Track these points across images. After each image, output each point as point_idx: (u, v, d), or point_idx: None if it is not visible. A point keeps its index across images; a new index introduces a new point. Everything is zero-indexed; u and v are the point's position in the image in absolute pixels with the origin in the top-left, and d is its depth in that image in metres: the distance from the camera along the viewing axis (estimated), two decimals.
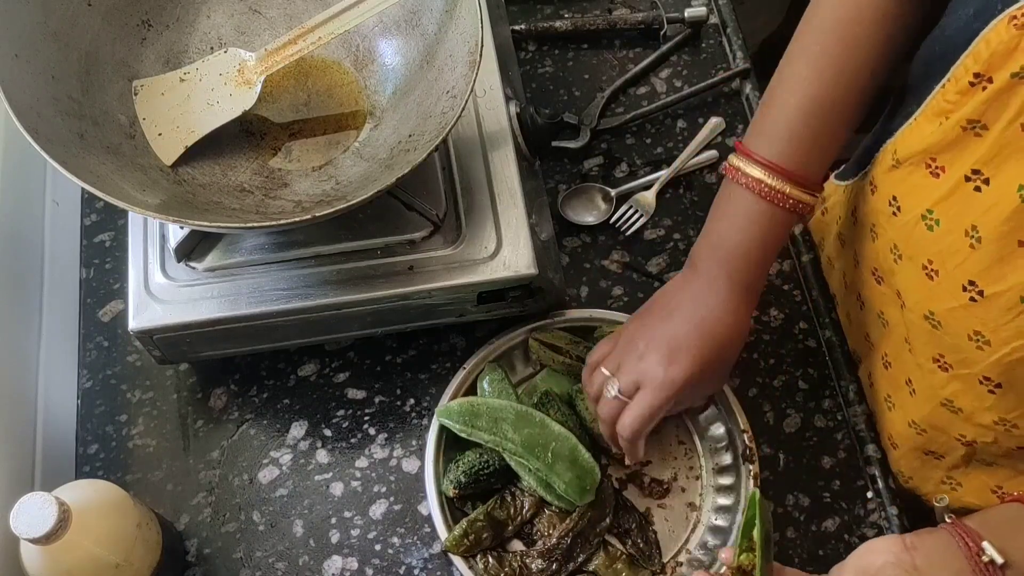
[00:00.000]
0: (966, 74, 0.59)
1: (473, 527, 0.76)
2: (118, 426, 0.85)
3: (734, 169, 0.73)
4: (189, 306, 0.76)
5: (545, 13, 1.07)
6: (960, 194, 0.63)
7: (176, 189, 0.74)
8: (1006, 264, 0.61)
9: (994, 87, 0.57)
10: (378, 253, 0.79)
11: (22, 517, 0.59)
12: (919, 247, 0.69)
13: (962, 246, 0.64)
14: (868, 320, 0.83)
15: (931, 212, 0.67)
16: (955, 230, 0.64)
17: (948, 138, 0.63)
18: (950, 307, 0.67)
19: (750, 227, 0.72)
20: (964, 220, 0.63)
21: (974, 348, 0.66)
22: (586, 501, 0.77)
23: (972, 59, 0.59)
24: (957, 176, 0.63)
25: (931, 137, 0.65)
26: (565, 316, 0.86)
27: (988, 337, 0.65)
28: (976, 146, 0.61)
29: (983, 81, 0.58)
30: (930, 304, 0.70)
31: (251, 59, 0.77)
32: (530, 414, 0.80)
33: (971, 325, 0.66)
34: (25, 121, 0.65)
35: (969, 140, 0.61)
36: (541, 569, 0.77)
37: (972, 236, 0.63)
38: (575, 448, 0.78)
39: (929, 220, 0.67)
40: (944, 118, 0.63)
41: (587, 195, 0.96)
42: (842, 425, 0.87)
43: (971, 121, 0.60)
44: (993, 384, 0.67)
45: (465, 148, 0.83)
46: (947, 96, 0.62)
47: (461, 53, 0.75)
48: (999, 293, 0.62)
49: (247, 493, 0.83)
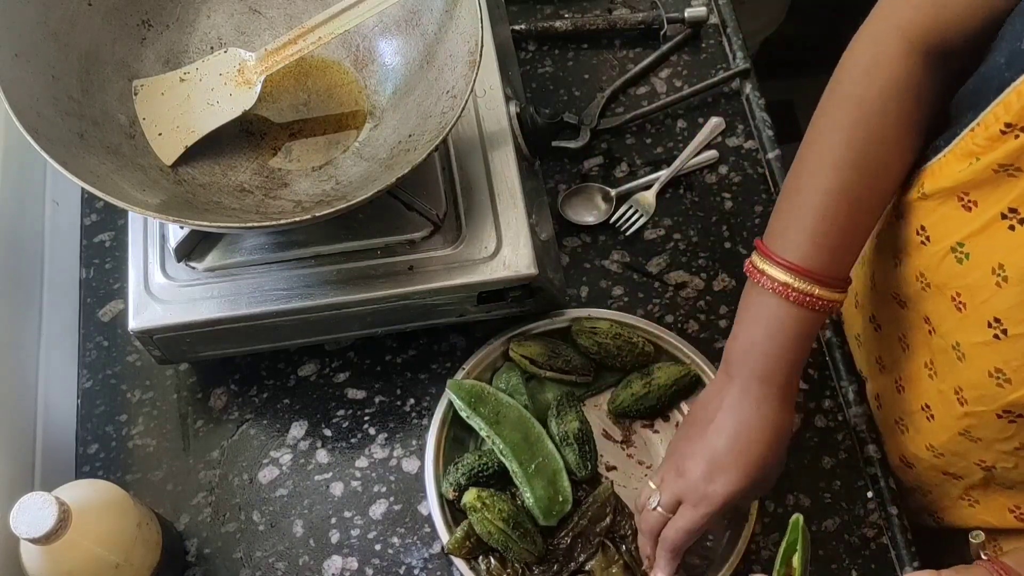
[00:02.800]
0: (996, 122, 0.58)
1: (474, 529, 0.76)
2: (118, 426, 0.85)
3: (758, 272, 0.70)
4: (189, 306, 0.76)
5: (545, 13, 1.07)
6: (993, 230, 0.62)
7: (176, 189, 0.74)
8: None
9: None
10: (378, 253, 0.79)
11: (22, 517, 0.59)
12: (949, 278, 0.68)
13: (989, 282, 0.63)
14: (885, 343, 0.83)
15: (961, 245, 0.66)
16: (983, 265, 0.64)
17: (980, 178, 0.62)
18: (975, 342, 0.67)
19: (781, 331, 0.69)
20: (993, 257, 0.63)
21: (994, 385, 0.66)
22: (548, 523, 0.77)
23: (1003, 108, 0.58)
24: (992, 212, 0.62)
25: (962, 175, 0.63)
26: (565, 316, 0.86)
27: (1009, 376, 0.65)
28: (1010, 186, 0.60)
29: (1015, 130, 0.58)
30: (957, 335, 0.69)
31: (251, 59, 0.77)
32: (531, 423, 0.80)
33: (993, 362, 0.66)
34: (25, 121, 0.65)
35: (1003, 180, 0.61)
36: (543, 571, 0.77)
37: (999, 274, 0.62)
38: (559, 472, 0.79)
39: (959, 253, 0.66)
40: (975, 159, 0.62)
41: (587, 195, 0.96)
42: (842, 425, 0.87)
43: (1003, 165, 0.60)
44: (1015, 415, 0.67)
45: (465, 148, 0.83)
46: (976, 140, 0.61)
47: (461, 53, 0.75)
48: (1021, 335, 0.62)
49: (247, 493, 0.83)
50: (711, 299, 0.92)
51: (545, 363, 0.83)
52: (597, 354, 0.84)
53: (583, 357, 0.84)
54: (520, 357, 0.83)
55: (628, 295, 0.92)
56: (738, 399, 0.71)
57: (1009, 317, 0.63)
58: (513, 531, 0.75)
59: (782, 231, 0.70)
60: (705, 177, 0.98)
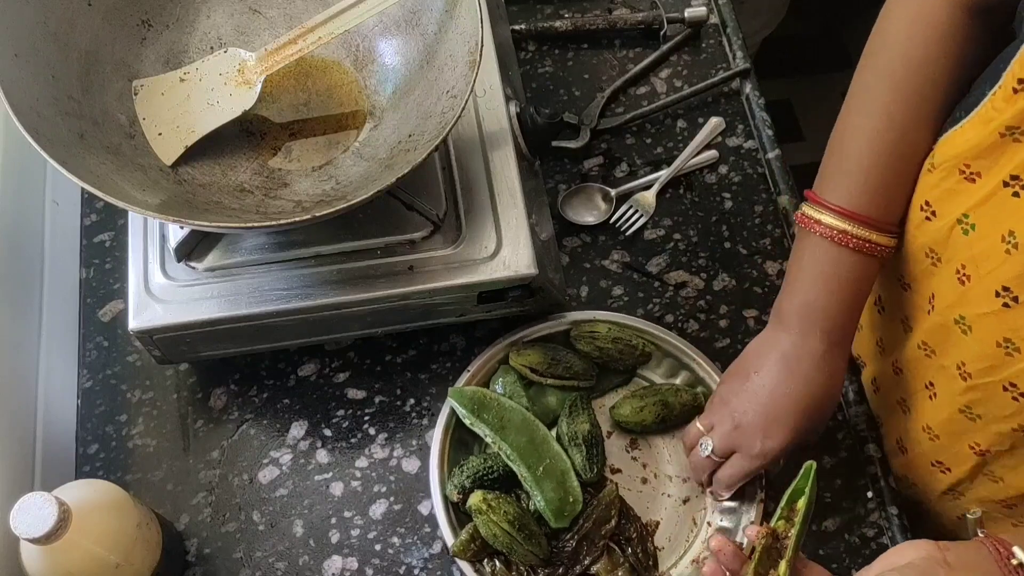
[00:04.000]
0: (1012, 80, 0.58)
1: (479, 531, 0.76)
2: (118, 426, 0.85)
3: (809, 219, 0.71)
4: (189, 306, 0.76)
5: (545, 13, 1.07)
6: (998, 199, 0.62)
7: (176, 189, 0.74)
8: None
9: None
10: (378, 253, 0.79)
11: (22, 517, 0.59)
12: (954, 251, 0.68)
13: (997, 251, 0.63)
14: (888, 325, 0.83)
15: (967, 216, 0.66)
16: (991, 235, 0.64)
17: (984, 144, 0.62)
18: (982, 312, 0.67)
19: (837, 279, 0.70)
20: (1002, 225, 0.63)
21: (1003, 355, 0.66)
22: (560, 525, 0.77)
23: (1019, 65, 0.58)
24: (995, 181, 0.62)
25: (969, 142, 0.64)
26: (567, 318, 0.86)
27: (1018, 344, 0.65)
28: (1015, 152, 0.60)
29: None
30: (961, 308, 0.69)
31: (251, 59, 0.77)
32: (535, 425, 0.80)
33: (1001, 332, 0.66)
34: (25, 121, 0.65)
35: (1007, 146, 0.61)
36: (548, 573, 0.77)
37: (1009, 242, 0.62)
38: (567, 473, 0.79)
39: (965, 224, 0.66)
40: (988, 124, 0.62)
41: (587, 195, 0.96)
42: (842, 425, 0.87)
43: (1010, 128, 0.60)
44: (1018, 392, 0.67)
45: (465, 148, 0.83)
46: (995, 104, 0.61)
47: (461, 53, 0.75)
48: None
49: (247, 493, 0.83)
50: (711, 299, 0.92)
51: (546, 371, 0.83)
52: (599, 358, 0.84)
53: (584, 362, 0.84)
54: (521, 366, 0.83)
55: (628, 295, 0.92)
56: (795, 352, 0.71)
57: (1019, 283, 0.63)
58: (518, 533, 0.75)
59: (832, 178, 0.71)
60: (705, 177, 0.98)
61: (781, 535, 0.65)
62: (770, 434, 0.71)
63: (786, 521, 0.66)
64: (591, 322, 0.85)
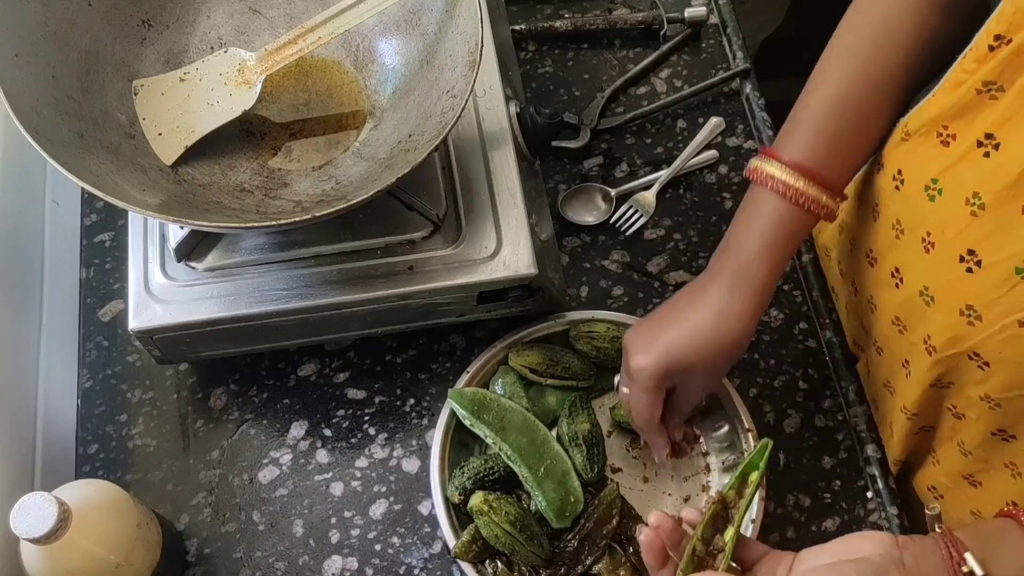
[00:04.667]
0: (988, 38, 0.59)
1: (481, 532, 0.76)
2: (118, 426, 0.85)
3: (755, 171, 0.72)
4: (189, 306, 0.76)
5: (545, 13, 1.07)
6: (968, 160, 0.62)
7: (176, 189, 0.74)
8: (1006, 233, 0.61)
9: (1012, 46, 0.57)
10: (378, 253, 0.79)
11: (22, 517, 0.59)
12: (919, 219, 0.69)
13: (963, 214, 0.63)
14: (861, 307, 0.83)
15: (935, 182, 0.66)
16: (957, 198, 0.64)
17: (962, 102, 0.62)
18: (946, 280, 0.67)
19: (766, 228, 0.71)
20: (967, 187, 0.63)
21: (965, 324, 0.66)
22: (562, 525, 0.77)
23: (995, 21, 0.58)
24: (968, 142, 0.62)
25: (946, 102, 0.64)
26: (566, 318, 0.86)
27: (980, 312, 0.65)
28: (991, 110, 0.60)
29: (1003, 43, 0.57)
30: (925, 279, 0.69)
31: (251, 59, 0.77)
32: (536, 425, 0.80)
33: (964, 299, 0.65)
34: (25, 121, 0.65)
35: (984, 104, 0.61)
36: (549, 574, 0.76)
37: (974, 203, 0.62)
38: (568, 473, 0.79)
39: (932, 190, 0.66)
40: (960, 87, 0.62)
41: (587, 195, 0.96)
42: (842, 425, 0.87)
43: (987, 83, 0.60)
44: (982, 361, 0.67)
45: (465, 148, 0.83)
46: (966, 65, 0.61)
47: (461, 53, 0.75)
48: (996, 263, 0.62)
49: (247, 493, 0.83)
50: None
51: (545, 371, 0.83)
52: (597, 358, 0.84)
53: (583, 361, 0.84)
54: (520, 367, 0.83)
55: (628, 295, 0.92)
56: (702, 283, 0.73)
57: (984, 245, 0.63)
58: (520, 534, 0.75)
59: (787, 135, 0.72)
60: (705, 177, 0.98)
61: (730, 504, 0.65)
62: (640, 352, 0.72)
63: (736, 492, 0.66)
64: (589, 322, 0.85)
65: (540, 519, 0.78)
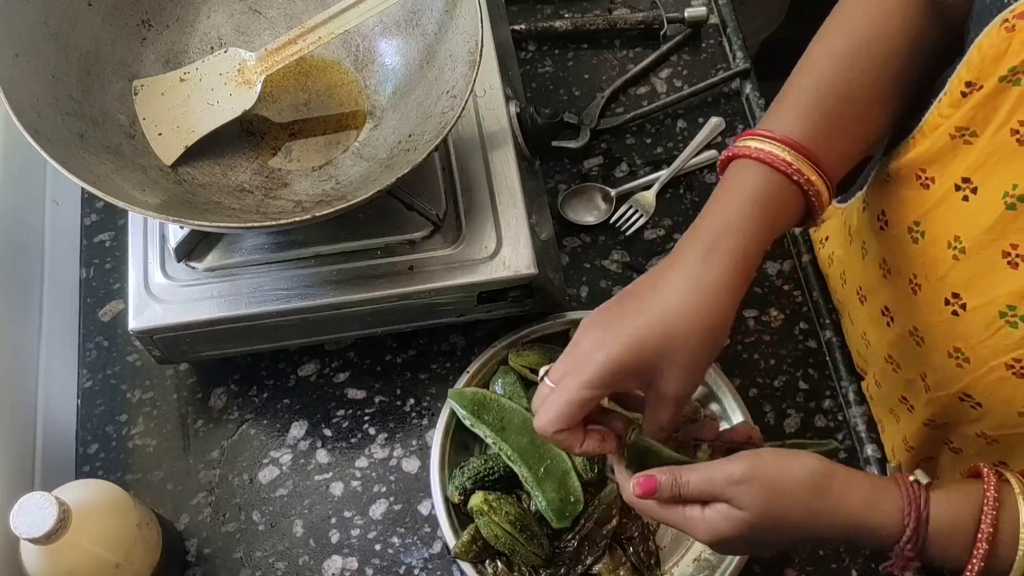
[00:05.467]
0: (960, 84, 0.58)
1: (481, 532, 0.76)
2: (118, 426, 0.85)
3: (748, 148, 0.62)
4: (189, 306, 0.76)
5: (545, 13, 1.07)
6: (947, 204, 0.62)
7: (176, 189, 0.74)
8: (987, 276, 0.61)
9: (983, 92, 0.57)
10: (378, 253, 0.79)
11: (22, 517, 0.59)
12: (905, 260, 0.68)
13: (945, 257, 0.63)
14: (857, 339, 0.84)
15: (917, 224, 0.66)
16: (939, 241, 0.64)
17: (936, 147, 0.62)
18: (932, 321, 0.67)
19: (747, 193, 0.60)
20: (948, 231, 0.63)
21: (953, 366, 0.66)
22: (562, 525, 0.77)
23: (966, 68, 0.58)
24: (947, 186, 0.62)
25: (921, 147, 0.64)
26: (566, 318, 0.86)
27: (967, 354, 0.64)
28: (966, 154, 0.60)
29: (974, 89, 0.57)
30: (914, 320, 0.69)
31: (251, 59, 0.77)
32: None
33: (951, 341, 0.65)
34: (25, 121, 0.65)
35: (959, 148, 0.60)
36: (550, 574, 0.76)
37: (955, 247, 0.62)
38: (568, 473, 0.79)
39: (915, 233, 0.66)
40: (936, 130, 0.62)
41: (587, 195, 0.96)
42: (842, 425, 0.87)
43: (960, 129, 0.59)
44: (974, 402, 0.67)
45: (465, 148, 0.83)
46: (941, 110, 0.61)
47: (461, 53, 0.75)
48: (980, 307, 0.62)
49: (247, 493, 0.83)
50: None
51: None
52: None
53: None
54: (520, 367, 0.83)
55: None
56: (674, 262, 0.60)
57: (967, 289, 0.62)
58: (520, 534, 0.75)
59: (771, 116, 0.65)
60: (705, 177, 0.98)
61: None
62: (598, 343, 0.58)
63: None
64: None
65: (540, 519, 0.78)
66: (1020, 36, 0.53)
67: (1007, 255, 0.59)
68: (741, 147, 0.63)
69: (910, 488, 0.56)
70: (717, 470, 0.57)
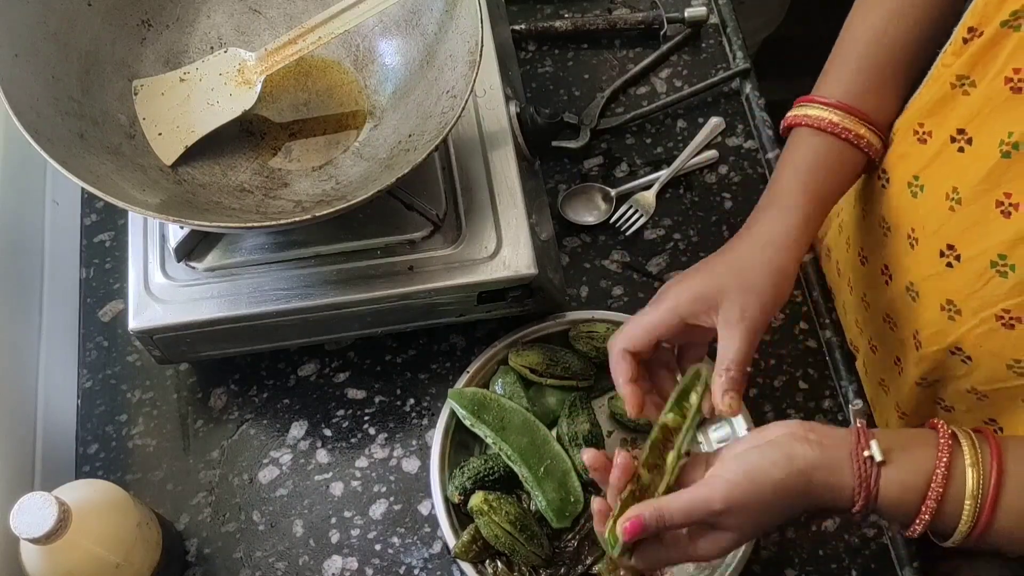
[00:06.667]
0: (962, 31, 0.59)
1: (481, 532, 0.76)
2: (118, 426, 0.85)
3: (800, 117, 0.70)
4: (189, 306, 0.76)
5: (545, 13, 1.07)
6: (944, 156, 0.63)
7: (176, 189, 0.74)
8: (981, 226, 0.62)
9: (983, 38, 0.57)
10: (378, 253, 0.79)
11: (22, 517, 0.59)
12: (904, 216, 0.69)
13: (942, 209, 0.64)
14: (857, 305, 0.84)
15: (916, 179, 0.67)
16: (937, 194, 0.64)
17: (936, 98, 0.63)
18: (927, 275, 0.67)
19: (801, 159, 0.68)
20: (946, 183, 0.63)
21: (946, 319, 0.67)
22: (562, 525, 0.77)
23: (969, 15, 0.59)
24: (943, 138, 0.63)
25: (923, 99, 0.65)
26: (566, 318, 0.86)
27: (959, 306, 0.65)
28: (963, 105, 0.61)
29: (975, 35, 0.58)
30: (910, 274, 0.70)
31: (251, 59, 0.77)
32: (536, 425, 0.80)
33: (944, 294, 0.66)
34: (25, 121, 0.65)
35: (957, 99, 0.61)
36: (550, 574, 0.76)
37: (952, 199, 0.63)
38: (568, 473, 0.79)
39: (914, 187, 0.67)
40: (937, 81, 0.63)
41: (587, 195, 0.96)
42: (842, 425, 0.87)
43: (960, 77, 0.60)
44: (964, 355, 0.67)
45: (465, 148, 0.83)
46: (945, 59, 0.62)
47: (461, 53, 0.75)
48: (973, 257, 0.63)
49: (247, 493, 0.83)
50: None
51: (545, 371, 0.83)
52: (596, 358, 0.84)
53: (583, 361, 0.84)
54: (520, 367, 0.83)
55: (628, 295, 0.91)
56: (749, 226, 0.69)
57: (962, 240, 0.63)
58: (520, 534, 0.75)
59: (823, 79, 0.71)
60: (705, 177, 0.98)
61: (673, 427, 0.64)
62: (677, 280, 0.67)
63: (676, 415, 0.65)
64: (589, 322, 0.85)
65: (540, 519, 0.78)
66: None
67: (1000, 204, 0.60)
68: (797, 116, 0.70)
69: (863, 466, 0.58)
70: (698, 503, 0.59)
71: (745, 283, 0.65)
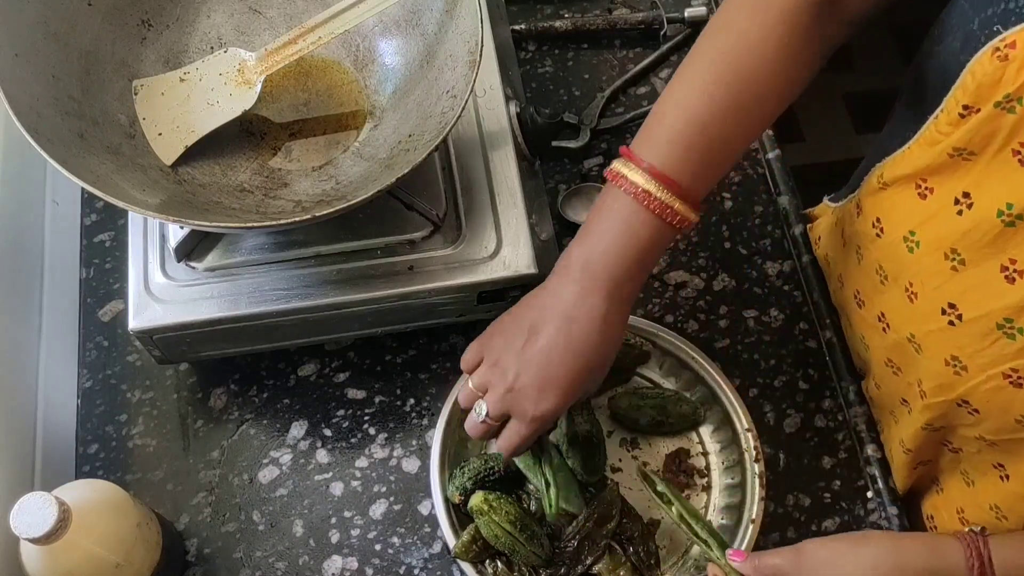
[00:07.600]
0: (956, 106, 0.60)
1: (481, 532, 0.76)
2: (118, 426, 0.85)
3: (619, 176, 0.67)
4: (189, 306, 0.76)
5: (545, 13, 1.07)
6: (944, 216, 0.63)
7: (176, 189, 0.74)
8: (984, 289, 0.61)
9: (981, 116, 0.58)
10: (378, 253, 0.79)
11: (22, 517, 0.59)
12: (901, 268, 0.69)
13: (942, 268, 0.64)
14: (857, 342, 0.84)
15: (913, 234, 0.67)
16: (935, 251, 0.64)
17: (937, 162, 0.63)
18: (929, 330, 0.67)
19: (631, 238, 0.66)
20: (944, 242, 0.63)
21: (951, 374, 0.66)
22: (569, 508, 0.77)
23: (961, 91, 0.59)
24: (946, 199, 0.63)
25: (921, 161, 0.65)
26: None
27: (965, 363, 0.65)
28: (965, 170, 0.61)
29: (972, 112, 0.59)
30: (911, 326, 0.70)
31: (251, 59, 0.77)
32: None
33: (948, 350, 0.66)
34: (25, 121, 0.65)
35: (959, 165, 0.62)
36: (550, 574, 0.76)
37: (953, 259, 0.63)
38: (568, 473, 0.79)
39: (910, 242, 0.67)
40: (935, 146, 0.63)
41: (587, 195, 0.96)
42: (842, 425, 0.87)
43: (958, 149, 0.61)
44: (971, 408, 0.67)
45: (465, 148, 0.83)
46: (940, 127, 0.62)
47: (461, 53, 0.75)
48: (977, 318, 0.63)
49: (247, 493, 0.83)
50: (711, 299, 0.92)
51: None
52: None
53: None
54: None
55: None
56: (575, 310, 0.67)
57: (964, 300, 0.63)
58: (520, 534, 0.75)
59: (647, 139, 0.68)
60: None
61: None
62: (545, 397, 0.67)
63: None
64: None
65: (540, 519, 0.78)
66: (1014, 65, 0.55)
67: (1005, 269, 0.60)
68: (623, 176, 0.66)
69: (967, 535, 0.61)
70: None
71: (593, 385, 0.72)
